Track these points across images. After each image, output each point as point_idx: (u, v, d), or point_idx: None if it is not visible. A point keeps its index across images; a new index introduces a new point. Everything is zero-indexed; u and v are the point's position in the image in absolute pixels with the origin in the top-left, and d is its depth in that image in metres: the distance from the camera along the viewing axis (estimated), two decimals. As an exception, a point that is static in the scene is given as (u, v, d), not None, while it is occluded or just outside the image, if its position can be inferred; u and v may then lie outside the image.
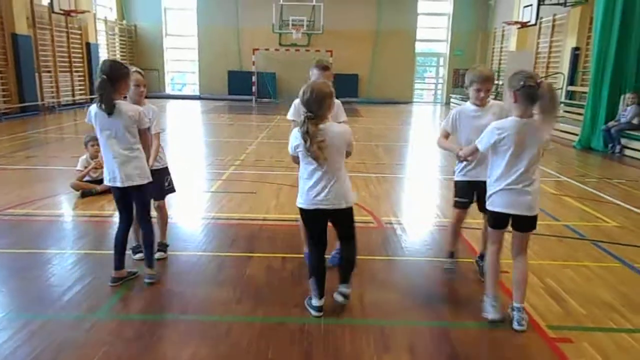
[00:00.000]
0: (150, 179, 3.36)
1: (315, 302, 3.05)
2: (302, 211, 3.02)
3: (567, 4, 14.11)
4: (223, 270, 3.74)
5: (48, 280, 3.48)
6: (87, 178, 5.82)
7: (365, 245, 4.30)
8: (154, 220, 3.88)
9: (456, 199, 3.54)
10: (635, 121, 9.60)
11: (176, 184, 4.12)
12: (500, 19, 19.71)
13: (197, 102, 20.71)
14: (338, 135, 2.90)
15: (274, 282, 3.52)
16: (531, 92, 2.67)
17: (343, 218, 3.04)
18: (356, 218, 2.94)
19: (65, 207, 5.37)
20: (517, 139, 2.76)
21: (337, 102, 3.51)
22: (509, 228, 2.99)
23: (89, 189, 5.68)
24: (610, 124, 9.90)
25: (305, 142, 2.81)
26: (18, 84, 13.83)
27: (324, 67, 3.59)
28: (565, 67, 14.54)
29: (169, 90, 23.56)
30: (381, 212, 5.27)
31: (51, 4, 15.20)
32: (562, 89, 14.63)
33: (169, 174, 3.96)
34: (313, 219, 3.01)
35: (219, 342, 2.76)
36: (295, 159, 3.01)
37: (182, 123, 14.77)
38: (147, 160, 3.40)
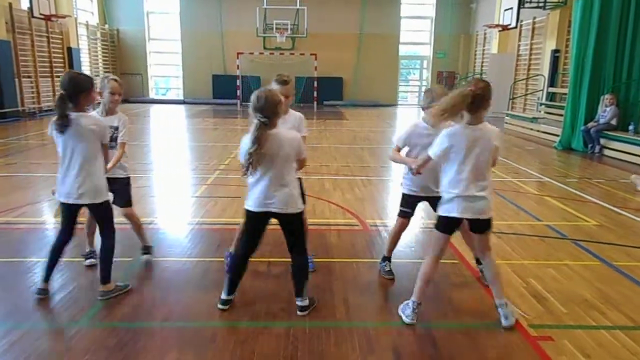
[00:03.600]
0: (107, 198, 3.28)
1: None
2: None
3: (547, 7, 14.35)
4: (208, 276, 3.72)
5: (29, 289, 3.43)
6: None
7: (350, 248, 4.34)
8: (129, 228, 3.87)
9: (403, 209, 3.66)
10: (613, 122, 9.79)
11: (160, 189, 4.08)
12: (482, 22, 19.98)
13: (182, 107, 20.58)
14: None
15: (259, 286, 3.51)
16: (476, 99, 2.76)
17: None
18: (341, 221, 2.94)
19: (47, 215, 5.29)
20: (467, 145, 2.82)
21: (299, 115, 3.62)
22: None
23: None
24: (590, 124, 10.08)
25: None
26: (-3, 90, 13.59)
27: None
28: (545, 69, 14.78)
29: (152, 94, 23.34)
30: (366, 215, 5.29)
31: (31, 8, 14.97)
32: (542, 90, 14.87)
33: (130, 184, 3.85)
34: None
35: (203, 348, 2.74)
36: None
37: (166, 128, 14.66)
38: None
